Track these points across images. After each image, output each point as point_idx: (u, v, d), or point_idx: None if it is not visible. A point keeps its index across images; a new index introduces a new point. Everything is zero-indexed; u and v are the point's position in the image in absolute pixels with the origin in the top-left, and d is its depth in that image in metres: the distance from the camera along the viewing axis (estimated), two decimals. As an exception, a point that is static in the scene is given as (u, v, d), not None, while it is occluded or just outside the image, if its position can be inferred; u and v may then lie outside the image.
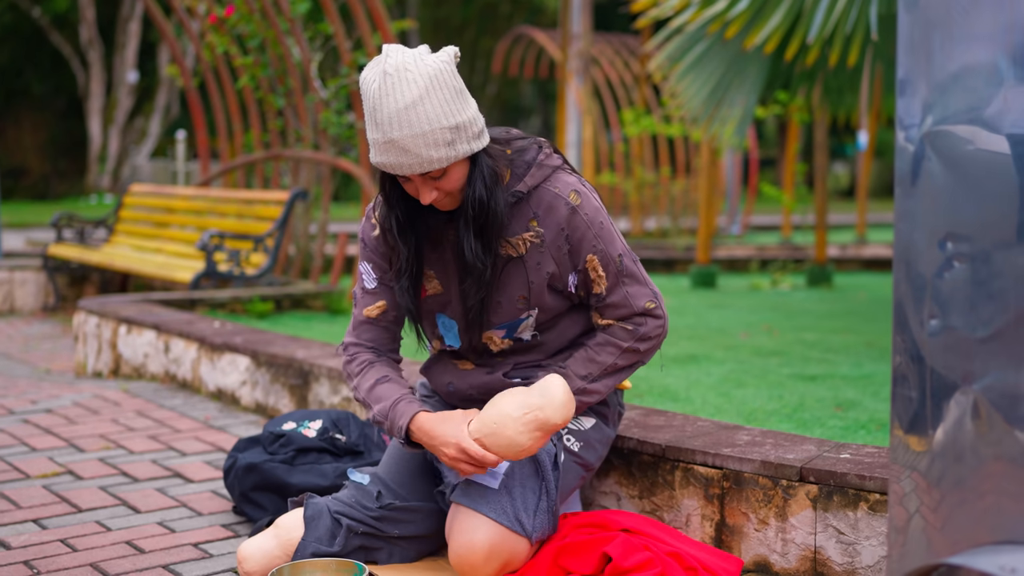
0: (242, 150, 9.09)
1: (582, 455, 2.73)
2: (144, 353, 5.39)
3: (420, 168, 2.37)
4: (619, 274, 2.59)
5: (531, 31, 16.91)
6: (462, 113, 2.38)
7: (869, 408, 4.14)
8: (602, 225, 2.57)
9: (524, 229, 2.55)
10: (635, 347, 2.63)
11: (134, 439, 4.16)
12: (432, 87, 2.34)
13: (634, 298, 2.61)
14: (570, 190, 2.55)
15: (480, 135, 2.45)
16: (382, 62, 2.37)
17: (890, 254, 11.62)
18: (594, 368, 2.62)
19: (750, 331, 6.40)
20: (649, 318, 2.62)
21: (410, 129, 2.32)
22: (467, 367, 2.76)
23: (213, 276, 6.97)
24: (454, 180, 2.44)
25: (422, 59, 2.37)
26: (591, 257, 2.56)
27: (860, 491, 2.57)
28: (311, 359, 4.30)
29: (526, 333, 2.66)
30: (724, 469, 2.80)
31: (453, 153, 2.37)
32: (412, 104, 2.32)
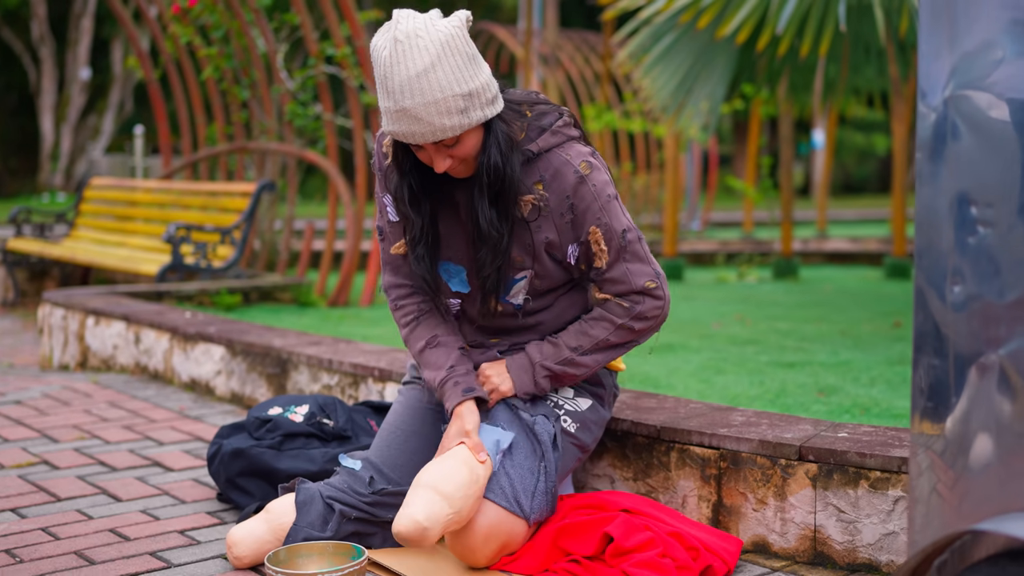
0: (205, 143, 8.98)
1: (579, 436, 2.70)
2: (113, 345, 5.30)
3: (433, 137, 2.33)
4: (621, 249, 2.54)
5: (491, 27, 16.85)
6: (475, 79, 2.34)
7: (851, 393, 4.13)
8: (609, 198, 2.52)
9: (528, 191, 2.51)
10: (630, 325, 2.59)
11: (109, 429, 4.07)
12: (444, 53, 2.29)
13: (634, 275, 2.56)
14: (581, 160, 2.51)
15: (494, 100, 2.41)
16: (392, 28, 2.32)
17: (851, 248, 11.70)
18: (585, 341, 2.58)
19: (722, 321, 6.39)
20: (648, 297, 2.58)
21: (422, 97, 2.28)
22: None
23: (179, 269, 6.87)
24: (468, 147, 2.40)
25: (433, 25, 2.32)
26: (594, 229, 2.51)
27: (861, 469, 2.56)
28: (289, 347, 4.24)
29: (518, 297, 2.61)
30: (721, 449, 2.77)
31: (467, 120, 2.33)
32: (424, 71, 2.28)
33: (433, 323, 2.69)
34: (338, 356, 4.01)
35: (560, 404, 2.69)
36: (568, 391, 2.72)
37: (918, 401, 1.90)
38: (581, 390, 2.74)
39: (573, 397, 2.72)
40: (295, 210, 8.19)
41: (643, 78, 7.88)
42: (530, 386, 2.60)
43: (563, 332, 2.62)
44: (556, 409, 2.68)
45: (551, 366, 2.59)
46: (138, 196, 8.67)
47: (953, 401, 1.82)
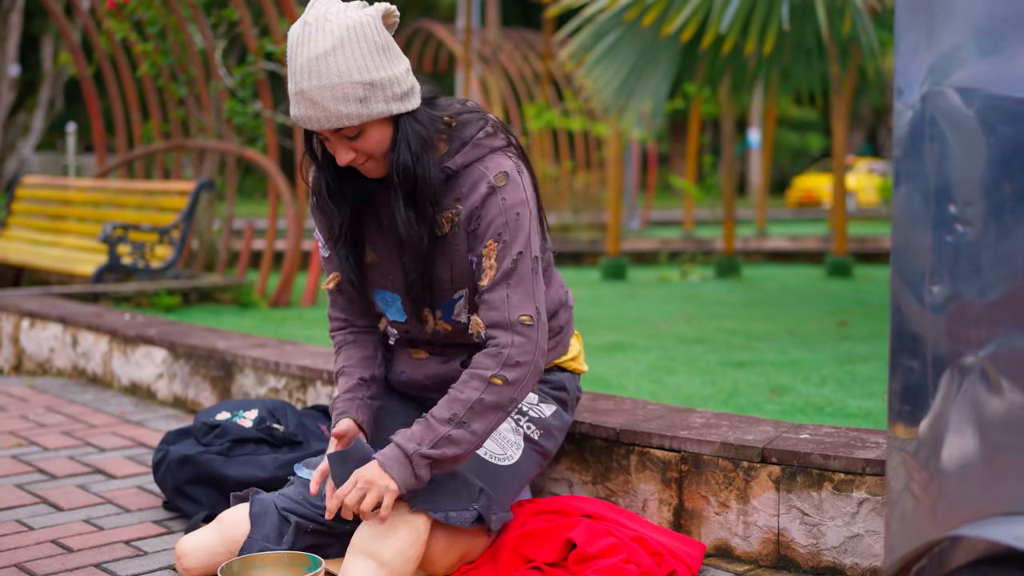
0: (141, 141, 8.81)
1: (542, 443, 2.62)
2: (50, 348, 5.16)
3: (328, 123, 2.23)
4: (508, 273, 2.35)
5: (430, 25, 16.76)
6: (381, 70, 2.24)
7: (803, 392, 4.12)
8: (517, 217, 2.36)
9: (449, 207, 2.41)
10: (502, 375, 2.32)
11: (47, 435, 3.95)
12: (348, 39, 2.21)
13: (512, 306, 2.34)
14: (499, 171, 2.38)
15: (405, 97, 2.30)
16: (308, 10, 2.26)
17: (791, 247, 11.76)
18: (458, 408, 2.32)
19: (669, 321, 6.37)
20: (517, 336, 2.33)
21: (318, 80, 2.20)
22: (421, 356, 2.64)
23: (116, 269, 6.73)
24: (372, 142, 2.29)
25: (346, 11, 2.24)
26: (491, 243, 2.36)
27: (824, 471, 2.53)
28: (233, 350, 4.15)
29: (462, 316, 2.51)
30: (682, 452, 2.73)
31: (366, 111, 2.23)
32: (324, 54, 2.19)
33: (348, 354, 2.63)
34: (285, 358, 3.93)
35: (524, 410, 2.62)
36: (532, 396, 2.64)
37: (894, 403, 1.87)
38: (545, 395, 2.67)
39: (537, 403, 2.64)
40: (234, 209, 8.05)
41: (586, 76, 7.85)
42: (411, 480, 2.30)
43: (435, 405, 2.38)
44: (519, 415, 2.60)
45: (427, 452, 2.29)
46: (72, 195, 8.48)
47: (931, 403, 1.78)
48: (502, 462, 2.53)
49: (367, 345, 2.65)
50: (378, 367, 2.65)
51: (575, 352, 2.78)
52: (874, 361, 4.81)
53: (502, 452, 2.54)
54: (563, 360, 2.73)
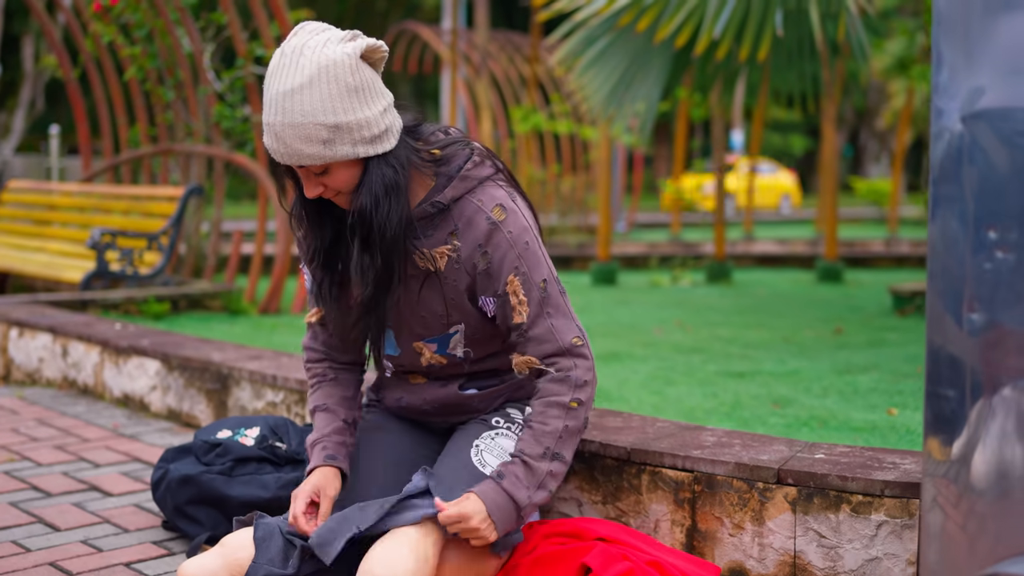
0: (128, 145, 8.73)
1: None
2: (39, 358, 5.09)
3: (291, 160, 2.18)
4: (543, 302, 2.33)
5: (415, 26, 16.70)
6: (350, 113, 2.16)
7: (806, 405, 4.08)
8: (527, 246, 2.32)
9: (443, 242, 2.35)
10: (576, 398, 2.35)
11: (39, 450, 3.88)
12: (319, 78, 2.13)
13: (560, 332, 2.35)
14: (495, 204, 2.32)
15: (376, 140, 2.22)
16: (289, 38, 2.19)
17: (780, 251, 11.74)
18: (548, 440, 2.33)
19: (663, 327, 6.33)
20: (577, 359, 2.36)
21: (283, 117, 2.14)
22: (419, 381, 2.58)
23: (104, 276, 6.65)
24: (340, 180, 2.23)
25: (324, 46, 2.15)
26: (512, 279, 2.31)
27: (842, 492, 2.48)
28: (229, 362, 4.08)
29: (457, 349, 2.46)
30: (695, 472, 2.68)
31: (329, 153, 2.16)
32: (291, 91, 2.12)
33: (329, 391, 2.58)
34: (282, 371, 3.86)
35: (519, 421, 2.56)
36: (518, 414, 2.57)
37: (930, 430, 1.82)
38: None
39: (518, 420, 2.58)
40: (223, 213, 7.97)
41: (577, 81, 7.80)
42: (510, 526, 2.33)
43: (521, 443, 2.36)
44: (518, 426, 2.55)
45: (539, 499, 2.33)
46: (57, 200, 8.39)
47: (966, 433, 1.74)
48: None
49: (347, 385, 2.60)
50: (357, 409, 2.61)
51: None
52: (873, 371, 4.77)
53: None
54: None
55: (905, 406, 4.03)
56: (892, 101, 17.47)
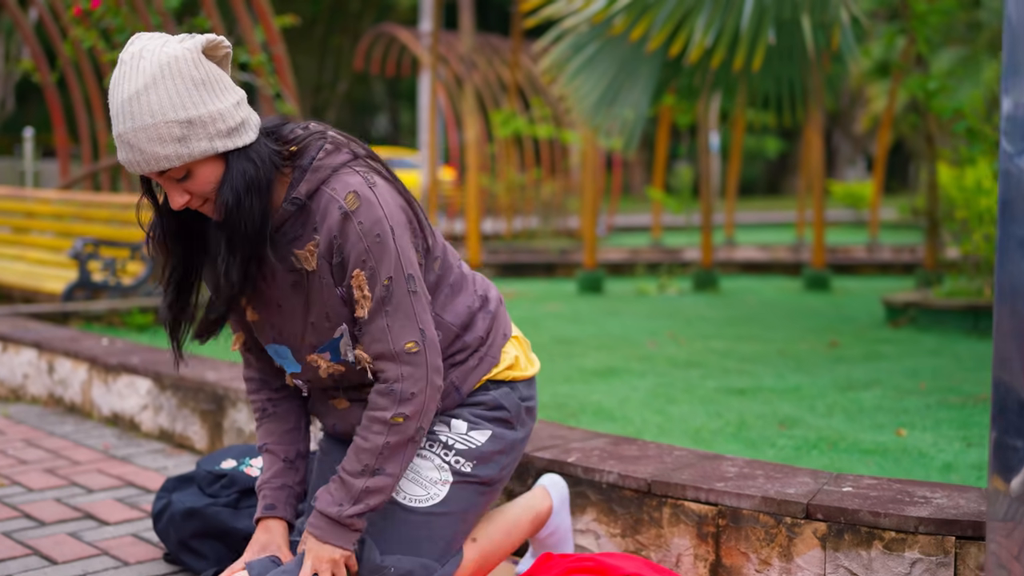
0: (107, 151, 8.59)
1: (477, 473, 2.41)
2: (23, 374, 4.96)
3: (149, 167, 2.09)
4: (384, 300, 2.22)
5: (393, 29, 16.60)
6: (200, 107, 2.08)
7: (812, 425, 4.02)
8: (378, 239, 2.20)
9: (309, 239, 2.24)
10: (400, 413, 2.23)
11: (29, 473, 3.77)
12: (162, 76, 2.05)
13: (394, 334, 2.23)
14: (348, 192, 2.21)
15: (233, 133, 2.13)
16: (126, 48, 2.12)
17: (764, 258, 11.70)
18: (367, 458, 2.23)
19: (655, 340, 6.26)
20: (406, 367, 2.23)
21: (132, 122, 2.06)
22: (343, 405, 2.45)
23: (87, 286, 6.52)
24: (203, 182, 2.14)
25: (163, 47, 2.09)
26: (357, 272, 2.21)
27: (874, 528, 2.41)
28: (224, 382, 3.98)
29: (348, 354, 2.32)
30: (719, 505, 2.61)
31: (186, 151, 2.08)
32: (136, 94, 2.05)
33: (269, 428, 2.53)
34: (280, 393, 3.76)
35: (449, 444, 2.41)
36: (461, 425, 2.43)
37: (996, 478, 1.74)
38: (477, 420, 2.44)
39: (467, 431, 2.43)
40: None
41: (566, 87, 7.73)
42: (354, 536, 2.26)
43: (345, 457, 2.29)
44: (445, 450, 2.40)
45: (352, 512, 2.23)
46: (36, 207, 8.24)
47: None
48: (424, 503, 2.35)
49: (288, 416, 2.53)
50: (303, 440, 2.54)
51: (510, 360, 2.52)
52: (875, 388, 4.72)
53: (424, 493, 2.36)
54: (496, 373, 2.48)
55: (913, 426, 3.97)
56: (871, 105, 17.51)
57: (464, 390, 2.44)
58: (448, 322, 2.41)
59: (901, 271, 10.95)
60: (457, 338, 2.44)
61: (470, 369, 2.45)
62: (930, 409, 4.27)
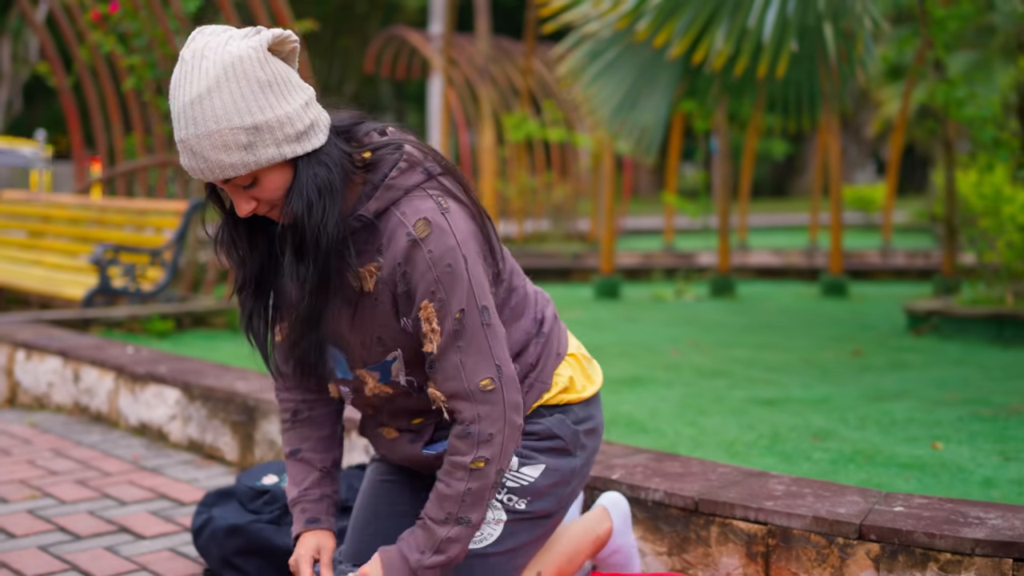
0: (124, 155, 8.57)
1: (532, 509, 2.33)
2: (48, 382, 4.94)
3: (213, 175, 1.98)
4: (456, 335, 2.10)
5: (404, 31, 16.57)
6: (267, 111, 1.96)
7: (846, 437, 3.99)
8: (449, 268, 2.07)
9: (371, 259, 2.13)
10: (480, 457, 2.13)
11: (60, 485, 3.75)
12: (226, 78, 1.93)
13: (468, 371, 2.11)
14: (418, 218, 2.08)
15: (302, 137, 2.01)
16: (187, 44, 2.00)
17: (779, 263, 11.67)
18: (450, 505, 2.15)
19: (678, 348, 6.24)
20: (483, 406, 2.12)
21: (195, 128, 1.94)
22: (392, 436, 2.38)
23: (107, 292, 6.50)
24: (270, 190, 2.03)
25: (226, 44, 1.96)
26: (426, 304, 2.09)
27: (929, 550, 2.39)
28: (255, 393, 3.96)
29: (400, 377, 2.23)
30: (769, 525, 2.59)
31: (252, 158, 1.96)
32: (199, 98, 1.94)
33: (305, 433, 2.40)
34: (313, 405, 3.74)
35: (503, 482, 2.32)
36: (513, 462, 2.32)
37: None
38: (530, 454, 2.33)
39: (518, 468, 2.32)
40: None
41: (584, 92, 7.70)
42: None
43: (428, 502, 2.20)
44: (496, 492, 2.29)
45: (431, 562, 2.16)
46: (53, 212, 8.23)
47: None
48: (478, 544, 2.28)
49: (324, 421, 2.41)
50: (338, 447, 2.43)
51: (563, 382, 2.38)
52: (905, 399, 4.69)
53: (478, 535, 2.29)
54: (548, 398, 2.35)
55: (947, 439, 3.95)
56: (882, 108, 17.46)
57: None
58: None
59: (916, 277, 10.92)
60: None
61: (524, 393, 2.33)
62: (963, 421, 4.24)
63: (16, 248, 8.34)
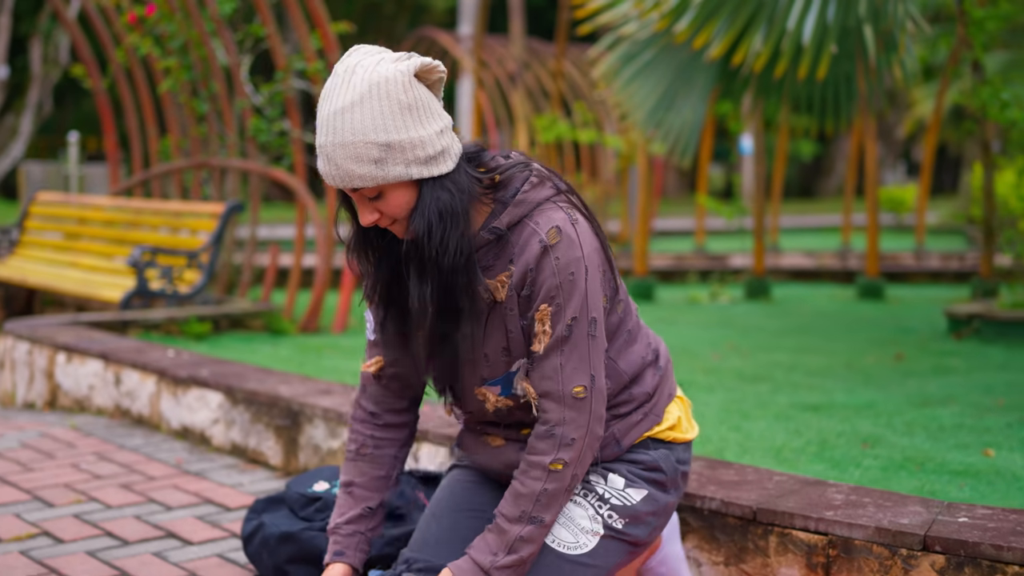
0: (158, 157, 8.59)
1: (628, 531, 2.33)
2: (89, 385, 4.95)
3: (342, 182, 2.09)
4: (563, 340, 2.17)
5: (433, 32, 16.56)
6: (402, 131, 2.07)
7: (896, 444, 3.94)
8: (572, 277, 2.16)
9: (503, 270, 2.21)
10: (559, 459, 2.18)
11: (105, 489, 3.75)
12: (370, 95, 2.06)
13: (564, 376, 2.18)
14: (551, 226, 2.17)
15: (431, 161, 2.10)
16: (343, 59, 2.13)
17: (812, 265, 11.60)
18: (525, 504, 2.20)
19: (717, 351, 6.20)
20: (568, 411, 2.18)
21: (334, 136, 2.07)
22: (498, 443, 2.40)
23: (144, 294, 6.51)
24: (394, 205, 2.12)
25: (377, 65, 2.09)
26: (544, 307, 2.17)
27: (996, 562, 2.34)
28: (299, 397, 3.94)
29: (519, 388, 2.27)
30: (829, 535, 2.55)
31: (380, 173, 2.06)
32: (343, 109, 2.06)
33: (363, 468, 2.46)
34: (358, 409, 3.72)
35: (606, 497, 2.34)
36: (619, 481, 2.35)
37: None
38: (635, 478, 2.37)
39: (623, 488, 2.35)
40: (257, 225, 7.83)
41: (620, 94, 7.66)
42: None
43: (502, 500, 2.24)
44: (600, 502, 2.33)
45: (504, 563, 2.19)
46: (88, 214, 8.25)
47: None
48: (572, 550, 2.28)
49: (383, 462, 2.47)
50: (389, 488, 2.49)
51: (672, 420, 2.44)
52: (952, 404, 4.64)
53: (573, 540, 2.29)
54: (657, 431, 2.40)
55: (999, 446, 3.89)
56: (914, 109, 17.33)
57: (624, 444, 2.37)
58: (621, 369, 2.35)
59: (952, 279, 10.83)
60: (625, 388, 2.37)
61: (633, 423, 2.38)
62: (1012, 428, 4.18)
63: (52, 250, 8.37)
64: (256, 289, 8.18)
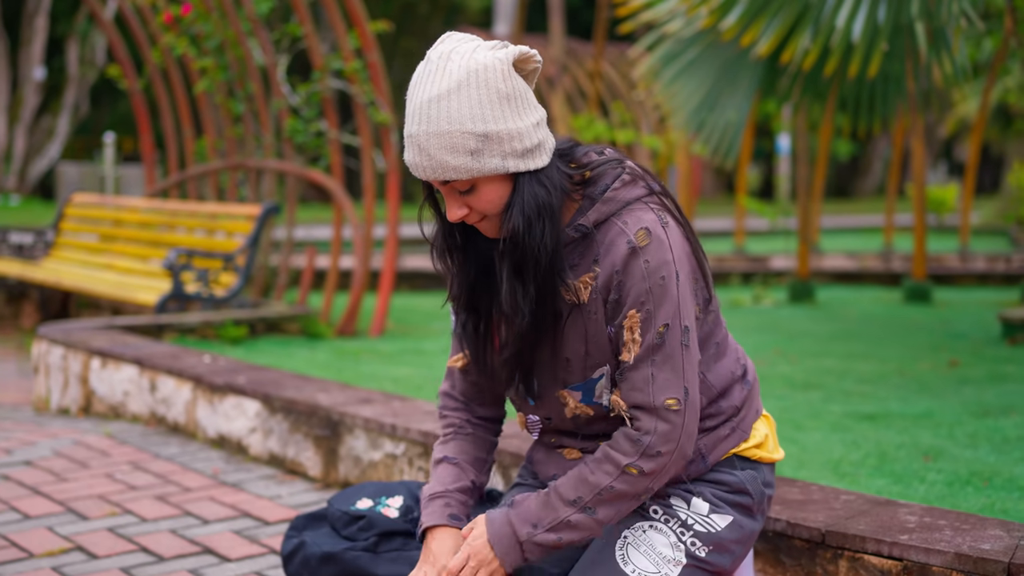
0: (194, 158, 8.50)
1: (711, 560, 2.18)
2: (124, 391, 4.85)
3: (435, 174, 1.98)
4: (654, 348, 2.04)
5: (469, 32, 16.46)
6: (501, 122, 1.96)
7: (958, 457, 3.78)
8: (662, 281, 2.03)
9: (587, 271, 2.08)
10: (639, 466, 2.04)
11: (140, 501, 3.64)
12: (468, 83, 1.94)
13: (657, 386, 2.04)
14: (640, 227, 2.04)
15: (527, 154, 2.00)
16: (435, 45, 2.00)
17: (855, 267, 11.40)
18: (585, 491, 2.07)
19: (763, 357, 6.04)
20: (661, 423, 2.04)
21: (427, 126, 1.95)
22: (574, 456, 2.26)
23: (180, 298, 6.42)
24: (486, 200, 2.01)
25: (474, 52, 1.97)
26: (632, 313, 2.04)
27: (1087, 593, 2.19)
28: (338, 406, 3.82)
29: (604, 398, 2.14)
30: (904, 560, 2.40)
31: (476, 165, 1.96)
32: (438, 97, 1.94)
33: (463, 446, 2.34)
34: (400, 420, 3.60)
35: (688, 523, 2.18)
36: (702, 506, 2.20)
37: None
38: (719, 503, 2.22)
39: (707, 513, 2.19)
40: (294, 227, 7.73)
41: (663, 93, 7.52)
42: (513, 562, 2.09)
43: (563, 478, 2.11)
44: (683, 528, 2.17)
45: (541, 540, 2.07)
46: (124, 215, 8.18)
47: None
48: None
49: (482, 445, 2.36)
50: (486, 473, 2.36)
51: (759, 437, 2.30)
52: (1014, 414, 4.47)
53: (655, 570, 2.13)
54: (744, 448, 2.25)
55: (1068, 459, 3.73)
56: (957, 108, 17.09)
57: (710, 460, 2.22)
58: (710, 382, 2.20)
59: (999, 282, 10.60)
60: (713, 402, 2.22)
61: (720, 438, 2.23)
62: (1080, 440, 4.01)
63: (87, 252, 8.30)
64: (292, 292, 8.08)
